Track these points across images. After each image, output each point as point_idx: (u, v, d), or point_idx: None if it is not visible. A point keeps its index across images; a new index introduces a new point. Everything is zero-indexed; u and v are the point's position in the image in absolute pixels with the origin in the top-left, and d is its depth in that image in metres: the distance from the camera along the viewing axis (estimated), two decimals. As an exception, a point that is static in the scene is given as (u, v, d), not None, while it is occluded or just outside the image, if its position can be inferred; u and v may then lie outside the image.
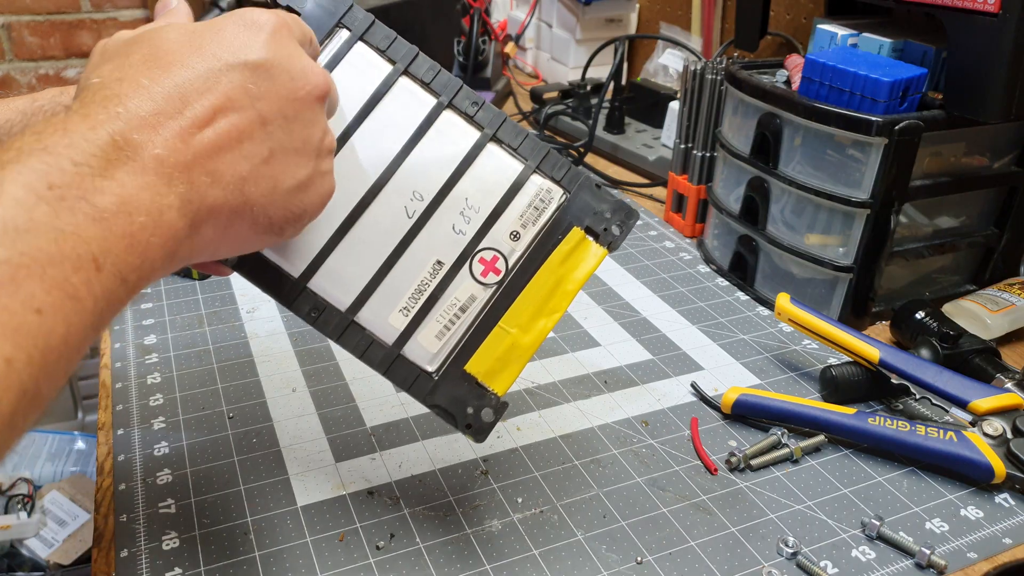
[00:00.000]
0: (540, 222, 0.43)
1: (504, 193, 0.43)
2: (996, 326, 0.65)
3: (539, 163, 0.44)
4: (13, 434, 0.25)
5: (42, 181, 0.26)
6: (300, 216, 0.36)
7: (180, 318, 0.67)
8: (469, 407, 0.43)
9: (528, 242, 0.43)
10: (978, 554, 0.47)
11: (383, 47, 0.43)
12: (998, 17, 0.57)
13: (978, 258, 0.74)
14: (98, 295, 0.27)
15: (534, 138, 0.44)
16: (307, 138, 0.35)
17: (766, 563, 0.46)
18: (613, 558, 0.46)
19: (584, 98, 1.10)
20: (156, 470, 0.51)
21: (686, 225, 0.86)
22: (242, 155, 0.32)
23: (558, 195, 0.43)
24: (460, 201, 0.43)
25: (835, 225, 0.66)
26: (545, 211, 0.43)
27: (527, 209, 0.43)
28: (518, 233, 0.43)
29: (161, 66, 0.31)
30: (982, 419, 0.53)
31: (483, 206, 0.43)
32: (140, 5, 1.44)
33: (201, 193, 0.31)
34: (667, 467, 0.53)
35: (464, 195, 0.43)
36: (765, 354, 0.65)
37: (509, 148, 0.44)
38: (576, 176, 0.44)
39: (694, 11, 1.15)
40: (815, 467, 0.53)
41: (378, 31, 0.43)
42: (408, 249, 0.42)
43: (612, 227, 0.44)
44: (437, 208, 0.42)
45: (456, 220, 0.43)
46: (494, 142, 0.43)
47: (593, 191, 0.44)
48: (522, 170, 0.43)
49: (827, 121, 0.63)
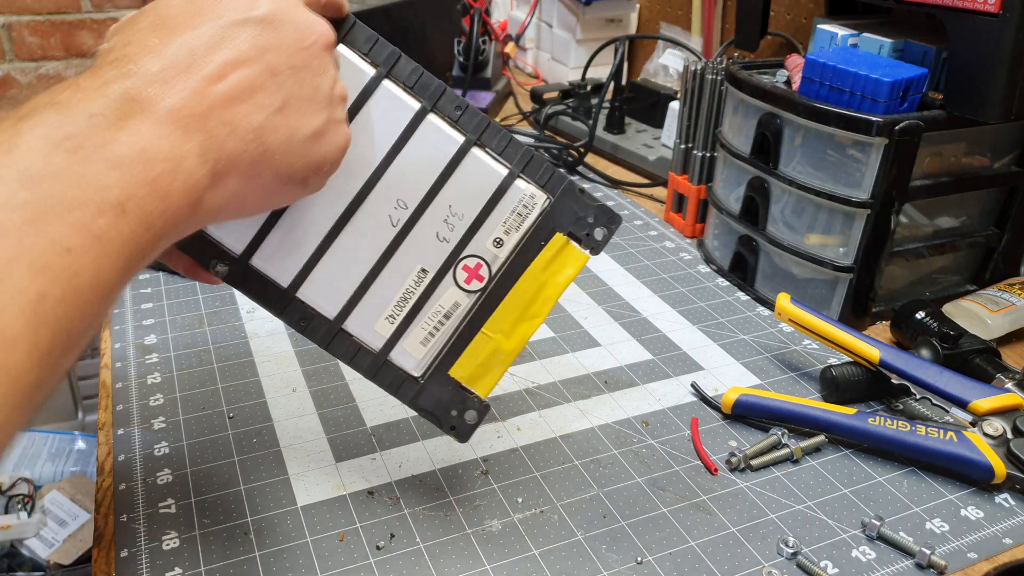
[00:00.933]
0: (523, 228, 0.43)
1: (488, 199, 0.43)
2: (996, 326, 0.65)
3: (523, 168, 0.43)
4: (54, 373, 0.25)
5: (58, 132, 0.27)
6: (320, 165, 0.37)
7: (180, 318, 0.67)
8: (453, 410, 0.44)
9: (511, 248, 0.43)
10: (978, 554, 0.47)
11: (365, 50, 0.41)
12: (998, 17, 0.57)
13: (978, 258, 0.74)
14: (126, 238, 0.28)
15: (518, 141, 0.43)
16: (318, 86, 0.36)
17: (766, 563, 0.46)
18: (613, 558, 0.46)
19: (584, 98, 1.10)
20: (156, 470, 0.51)
21: (686, 225, 0.86)
22: (256, 105, 0.33)
23: (541, 200, 0.43)
24: (444, 208, 0.42)
25: (835, 225, 0.66)
26: (528, 217, 0.43)
27: (510, 215, 0.43)
28: (501, 240, 0.43)
29: (168, 28, 0.32)
30: (982, 419, 0.53)
31: (467, 213, 0.43)
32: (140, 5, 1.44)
33: (219, 143, 0.32)
34: (667, 467, 0.53)
35: (448, 202, 0.42)
36: (765, 354, 0.65)
37: (492, 152, 0.43)
38: (559, 180, 0.44)
39: (694, 11, 1.15)
40: (815, 467, 0.53)
41: (359, 33, 0.42)
42: (393, 257, 0.43)
43: (595, 232, 0.44)
44: (421, 216, 0.43)
45: (440, 228, 0.43)
46: (478, 147, 0.43)
47: (576, 195, 0.44)
48: (506, 175, 0.43)
49: (827, 121, 0.63)
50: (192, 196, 0.31)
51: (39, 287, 0.24)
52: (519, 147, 0.43)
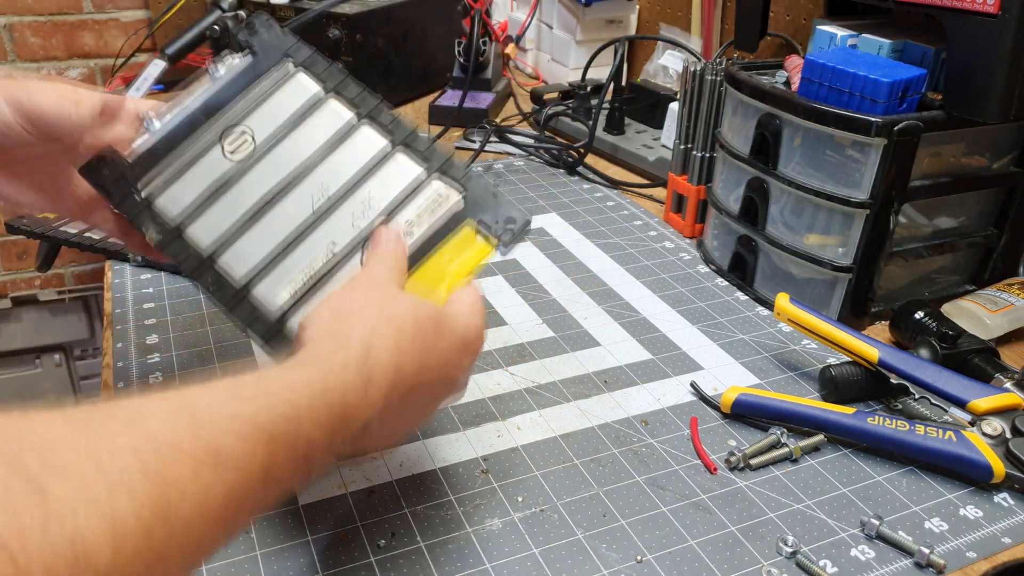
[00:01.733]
0: (434, 219, 0.47)
1: (403, 191, 0.47)
2: (995, 326, 0.65)
3: (440, 167, 0.48)
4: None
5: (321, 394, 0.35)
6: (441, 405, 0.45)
7: (182, 318, 0.68)
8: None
9: (420, 235, 0.46)
10: (977, 553, 0.47)
11: (319, 73, 0.50)
12: (997, 18, 0.57)
13: (977, 258, 0.74)
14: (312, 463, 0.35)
15: (440, 147, 0.48)
16: (469, 370, 0.45)
17: (765, 562, 0.46)
18: (613, 557, 0.46)
19: (584, 99, 1.10)
20: (158, 469, 0.51)
21: (686, 225, 0.86)
22: (410, 401, 0.40)
23: (455, 196, 0.47)
24: (363, 198, 0.47)
25: (834, 225, 0.66)
26: (440, 208, 0.47)
27: (424, 207, 0.47)
28: (412, 227, 0.46)
29: (407, 386, 0.39)
30: (981, 419, 0.53)
31: (382, 202, 0.47)
32: (142, 6, 1.44)
33: (379, 424, 0.39)
34: (667, 466, 0.53)
35: (368, 192, 0.47)
36: (764, 354, 0.66)
37: (415, 155, 0.48)
38: (475, 180, 0.48)
39: (694, 12, 1.15)
40: (814, 466, 0.53)
41: (318, 63, 0.50)
42: (308, 236, 0.46)
43: (504, 226, 0.47)
44: (341, 203, 0.47)
45: (356, 214, 0.47)
46: (402, 151, 0.48)
47: (490, 195, 0.47)
48: (421, 173, 0.48)
49: (826, 122, 0.63)
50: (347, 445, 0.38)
51: (270, 468, 0.32)
52: (440, 152, 0.48)
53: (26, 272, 1.55)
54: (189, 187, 0.47)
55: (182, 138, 0.48)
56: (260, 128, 0.48)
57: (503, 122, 1.17)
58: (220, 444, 0.30)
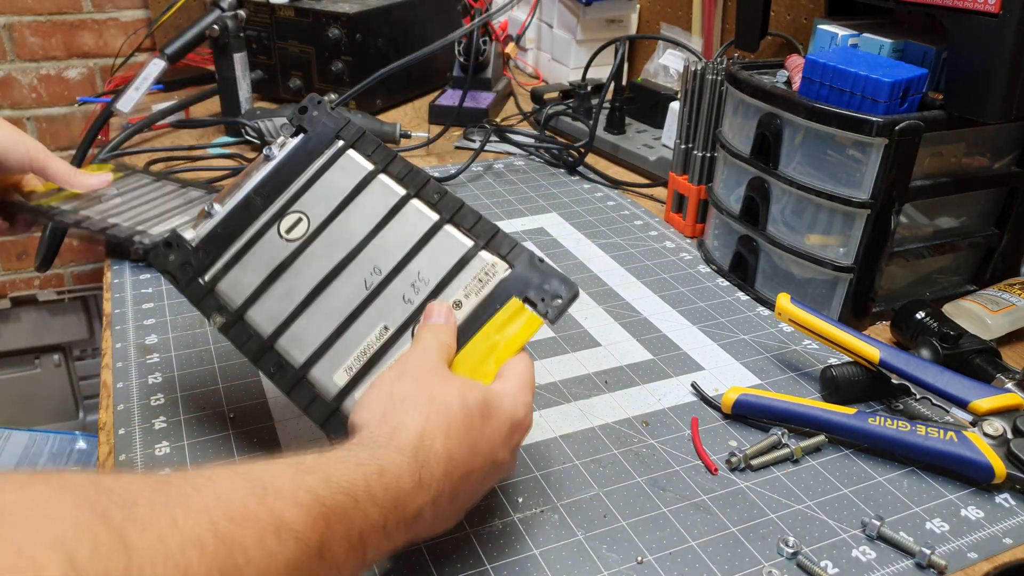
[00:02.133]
0: (482, 293, 0.47)
1: (452, 266, 0.47)
2: (996, 326, 0.65)
3: (487, 241, 0.48)
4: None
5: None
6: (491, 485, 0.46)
7: (181, 318, 0.68)
8: None
9: (469, 310, 0.46)
10: (978, 554, 0.47)
11: (368, 152, 0.51)
12: (998, 17, 0.57)
13: (978, 258, 0.74)
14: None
15: (487, 220, 0.48)
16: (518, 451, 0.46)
17: (766, 563, 0.46)
18: (613, 558, 0.46)
19: (585, 98, 1.10)
20: (158, 470, 0.51)
21: (686, 225, 0.86)
22: (464, 487, 0.41)
23: (502, 269, 0.47)
24: (413, 274, 0.47)
25: (835, 225, 0.66)
26: (488, 283, 0.47)
27: (472, 281, 0.47)
28: (460, 302, 0.46)
29: (460, 467, 0.40)
30: (982, 419, 0.53)
31: (432, 278, 0.47)
32: (141, 5, 1.44)
33: (434, 507, 0.39)
34: (667, 467, 0.53)
35: (417, 269, 0.47)
36: (765, 354, 0.65)
37: (463, 229, 0.48)
38: (520, 252, 0.47)
39: (694, 12, 1.15)
40: (815, 467, 0.53)
41: (368, 141, 0.51)
42: (361, 316, 0.47)
43: (551, 299, 0.46)
44: (392, 280, 0.47)
45: (407, 291, 0.47)
46: (451, 224, 0.48)
47: (535, 266, 0.47)
48: (471, 247, 0.48)
49: (827, 121, 0.63)
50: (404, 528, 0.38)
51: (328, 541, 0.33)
52: (487, 224, 0.48)
53: (25, 272, 1.54)
54: (249, 271, 0.48)
55: (241, 222, 0.49)
56: (315, 208, 0.49)
57: (503, 122, 1.17)
58: (283, 513, 0.31)
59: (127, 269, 0.75)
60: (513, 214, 0.89)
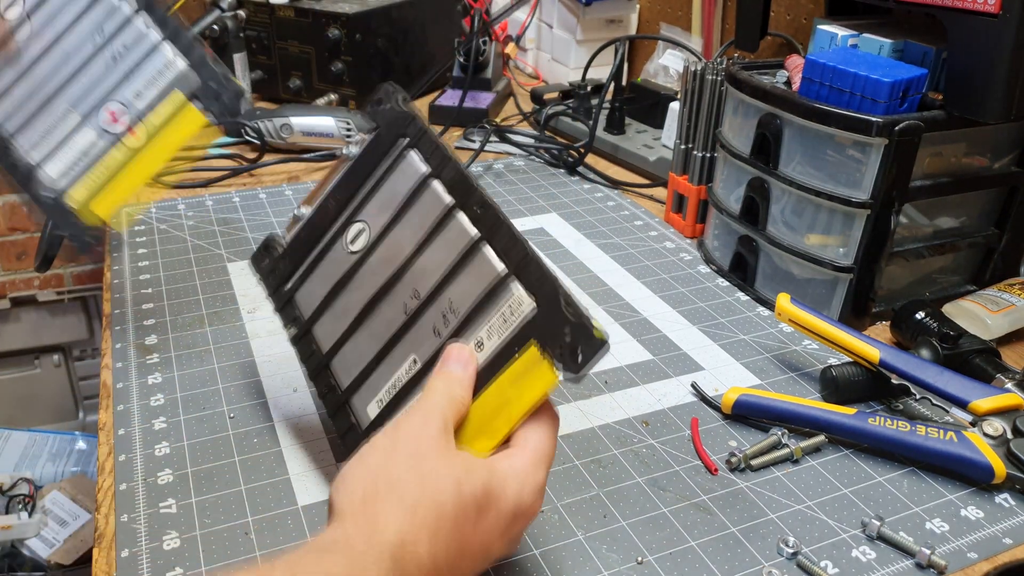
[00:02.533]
0: (504, 334, 0.41)
1: (482, 296, 0.42)
2: (996, 326, 0.65)
3: (516, 265, 0.41)
4: None
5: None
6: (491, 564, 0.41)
7: (181, 318, 0.68)
8: None
9: (491, 352, 0.41)
10: (978, 554, 0.47)
11: (427, 153, 0.46)
12: (998, 17, 0.57)
13: (978, 258, 0.74)
14: None
15: (521, 240, 0.41)
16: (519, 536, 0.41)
17: (766, 563, 0.46)
18: (614, 558, 0.46)
19: (585, 99, 1.10)
20: (157, 470, 0.51)
21: (686, 226, 0.86)
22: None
23: (528, 306, 0.41)
24: (445, 303, 0.44)
25: (835, 225, 0.66)
26: (512, 323, 0.41)
27: (496, 318, 0.42)
28: (483, 342, 0.42)
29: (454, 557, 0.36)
30: (982, 419, 0.53)
31: (462, 308, 0.43)
32: (141, 6, 1.44)
33: None
34: (667, 467, 0.53)
35: (450, 297, 0.43)
36: (765, 354, 0.65)
37: (498, 248, 0.42)
38: (548, 287, 0.40)
39: (694, 12, 1.15)
40: (815, 467, 0.53)
41: (427, 140, 0.46)
42: (397, 344, 0.45)
43: (571, 353, 0.39)
44: (428, 308, 0.44)
45: (437, 321, 0.44)
46: (487, 243, 0.43)
47: (563, 307, 0.39)
48: (502, 274, 0.42)
49: (827, 122, 0.63)
50: None
51: None
52: (520, 247, 0.42)
53: (25, 272, 1.54)
54: (318, 282, 0.47)
55: (319, 228, 0.48)
56: (375, 216, 0.47)
57: (503, 122, 1.17)
58: None
59: (127, 269, 0.75)
60: (513, 214, 0.89)
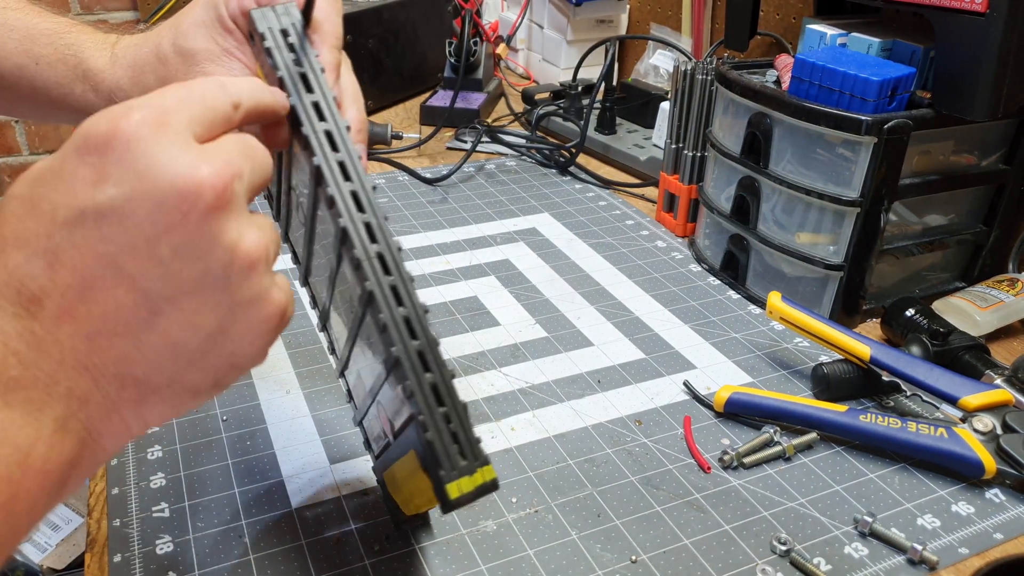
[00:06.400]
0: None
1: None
2: (985, 323, 0.65)
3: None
4: None
5: None
6: (233, 367, 0.29)
7: (173, 321, 0.67)
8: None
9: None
10: (969, 549, 0.47)
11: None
12: (985, 16, 0.57)
13: (967, 255, 0.75)
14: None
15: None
16: (204, 271, 0.26)
17: (760, 560, 0.46)
18: (608, 557, 0.46)
19: (575, 99, 1.11)
20: (149, 474, 0.51)
21: (677, 225, 0.86)
22: (116, 335, 0.25)
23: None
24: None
25: (825, 224, 0.66)
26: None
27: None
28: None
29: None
30: (972, 415, 0.53)
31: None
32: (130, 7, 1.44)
33: (80, 406, 0.25)
34: (660, 466, 0.53)
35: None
36: (757, 352, 0.66)
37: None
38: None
39: (684, 12, 1.15)
40: (807, 464, 0.53)
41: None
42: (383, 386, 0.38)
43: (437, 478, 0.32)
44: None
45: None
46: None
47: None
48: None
49: (817, 120, 0.63)
50: (58, 472, 0.25)
51: None
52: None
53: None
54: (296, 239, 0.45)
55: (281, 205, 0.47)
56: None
57: (494, 122, 1.17)
58: None
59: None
60: (505, 215, 0.90)
